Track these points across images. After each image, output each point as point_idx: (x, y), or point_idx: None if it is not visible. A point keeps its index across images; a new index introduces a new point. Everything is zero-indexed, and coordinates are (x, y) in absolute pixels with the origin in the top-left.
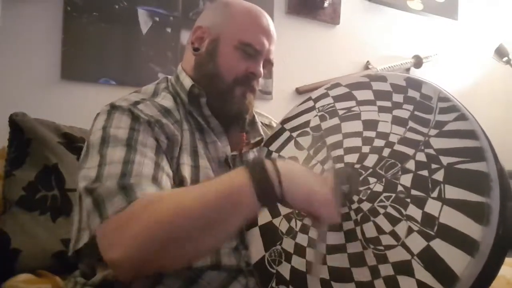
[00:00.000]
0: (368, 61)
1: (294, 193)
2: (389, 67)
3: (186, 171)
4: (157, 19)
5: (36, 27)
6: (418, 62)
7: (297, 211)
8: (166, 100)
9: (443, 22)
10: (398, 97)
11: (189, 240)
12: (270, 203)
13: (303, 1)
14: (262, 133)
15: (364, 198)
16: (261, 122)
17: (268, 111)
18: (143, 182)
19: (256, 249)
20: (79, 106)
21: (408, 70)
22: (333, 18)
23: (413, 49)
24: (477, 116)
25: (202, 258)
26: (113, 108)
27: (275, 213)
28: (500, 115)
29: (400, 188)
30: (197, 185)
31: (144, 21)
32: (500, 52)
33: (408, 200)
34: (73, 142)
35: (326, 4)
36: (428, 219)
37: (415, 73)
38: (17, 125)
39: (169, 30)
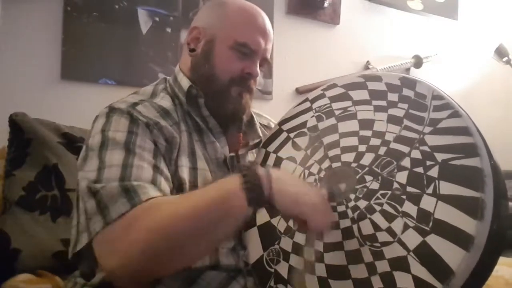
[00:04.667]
0: (368, 61)
1: (283, 196)
2: (389, 67)
3: (185, 173)
4: (157, 19)
5: (36, 27)
6: (418, 62)
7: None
8: (164, 101)
9: (443, 22)
10: (393, 96)
11: (184, 247)
12: (258, 205)
13: (303, 1)
14: (260, 134)
15: (360, 196)
16: (260, 123)
17: (268, 111)
18: (144, 185)
19: (255, 249)
20: (79, 106)
21: (408, 70)
22: (333, 18)
23: (413, 49)
24: (477, 116)
25: (198, 261)
26: (111, 110)
27: (273, 213)
28: (500, 115)
29: (396, 185)
30: (193, 192)
31: (144, 21)
32: (500, 52)
33: (404, 197)
34: (73, 142)
35: (326, 4)
36: (424, 215)
37: (415, 73)
38: (17, 125)
39: (169, 30)
